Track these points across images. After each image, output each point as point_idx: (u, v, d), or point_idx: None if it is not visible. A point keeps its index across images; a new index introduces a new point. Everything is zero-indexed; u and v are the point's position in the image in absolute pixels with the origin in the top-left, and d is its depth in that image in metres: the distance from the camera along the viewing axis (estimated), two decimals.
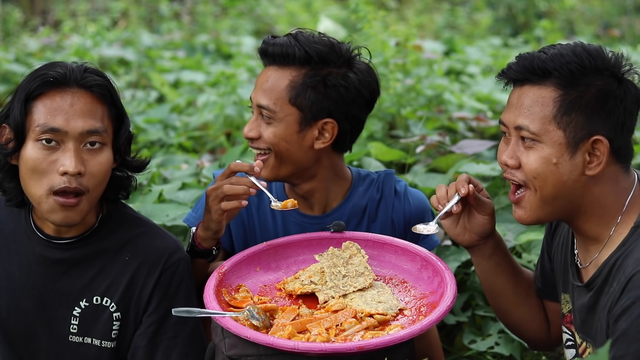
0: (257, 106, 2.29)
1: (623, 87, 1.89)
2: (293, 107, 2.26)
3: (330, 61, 2.27)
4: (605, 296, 1.89)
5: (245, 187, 2.12)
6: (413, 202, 2.45)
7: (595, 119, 1.86)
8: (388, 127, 4.88)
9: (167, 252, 2.16)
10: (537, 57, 1.91)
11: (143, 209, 3.26)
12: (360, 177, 2.47)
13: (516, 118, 1.92)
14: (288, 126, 2.27)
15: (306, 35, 2.29)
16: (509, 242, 3.18)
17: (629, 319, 1.76)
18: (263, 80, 2.29)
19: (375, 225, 2.41)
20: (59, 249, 2.12)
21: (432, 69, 5.43)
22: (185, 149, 5.00)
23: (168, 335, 2.16)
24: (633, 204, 1.92)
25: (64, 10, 11.97)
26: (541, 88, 1.90)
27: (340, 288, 2.10)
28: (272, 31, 11.03)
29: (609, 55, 1.91)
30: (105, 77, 2.09)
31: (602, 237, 1.94)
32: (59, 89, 2.01)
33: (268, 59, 2.31)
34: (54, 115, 1.98)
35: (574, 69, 1.87)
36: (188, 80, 6.92)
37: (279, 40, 2.28)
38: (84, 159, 2.00)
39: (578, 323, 2.01)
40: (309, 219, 2.41)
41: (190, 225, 2.45)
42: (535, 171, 1.90)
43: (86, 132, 2.00)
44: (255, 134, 2.29)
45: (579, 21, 11.87)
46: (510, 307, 2.22)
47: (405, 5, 13.01)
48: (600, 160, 1.87)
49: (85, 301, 2.14)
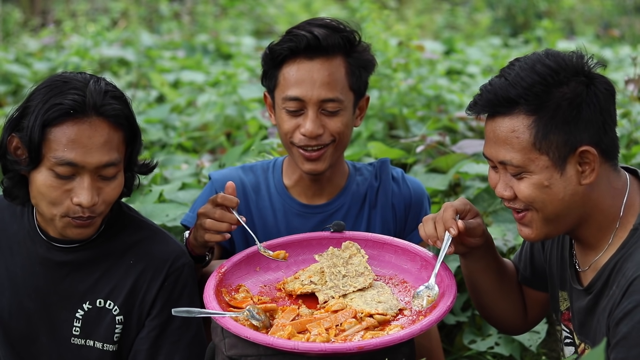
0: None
1: (593, 89, 1.84)
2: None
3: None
4: (605, 299, 1.88)
5: (227, 225, 2.13)
6: (412, 187, 2.51)
7: (575, 132, 1.82)
8: (388, 127, 4.89)
9: (172, 257, 2.16)
10: (499, 87, 1.86)
11: (143, 209, 3.26)
12: (356, 168, 2.52)
13: (497, 154, 1.89)
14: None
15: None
16: (509, 242, 3.18)
17: (630, 323, 1.75)
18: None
19: (376, 212, 2.45)
20: (62, 251, 2.12)
21: (434, 68, 5.43)
22: (185, 149, 5.00)
23: (170, 339, 2.15)
24: (629, 206, 1.91)
25: (64, 10, 11.96)
26: (512, 118, 1.85)
27: (340, 288, 2.10)
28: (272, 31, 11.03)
29: (571, 60, 1.85)
30: (124, 100, 2.05)
31: (602, 243, 1.93)
32: (77, 119, 1.96)
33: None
34: (72, 149, 1.95)
35: (538, 92, 1.82)
36: (188, 80, 6.92)
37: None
38: (98, 186, 2.00)
39: (577, 325, 2.01)
40: (310, 208, 2.43)
41: (188, 226, 2.46)
42: (531, 197, 1.88)
43: (102, 166, 1.99)
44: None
45: (579, 21, 11.87)
46: (493, 302, 2.21)
47: (406, 5, 13.00)
48: (593, 167, 1.85)
49: (88, 304, 2.13)
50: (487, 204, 3.44)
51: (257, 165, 2.55)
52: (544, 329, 2.98)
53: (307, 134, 2.28)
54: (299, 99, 2.28)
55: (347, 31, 2.32)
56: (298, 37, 2.27)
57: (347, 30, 2.33)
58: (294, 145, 2.33)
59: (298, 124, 2.30)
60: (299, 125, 2.30)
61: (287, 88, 2.29)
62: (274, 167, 2.51)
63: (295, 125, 2.31)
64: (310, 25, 2.30)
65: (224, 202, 2.14)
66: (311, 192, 2.44)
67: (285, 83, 2.30)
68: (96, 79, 2.04)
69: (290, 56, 2.29)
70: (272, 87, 2.36)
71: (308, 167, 2.34)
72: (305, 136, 2.29)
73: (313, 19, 2.37)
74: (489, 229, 3.25)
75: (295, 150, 2.34)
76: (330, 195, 2.45)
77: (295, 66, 2.28)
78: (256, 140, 3.72)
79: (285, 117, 2.32)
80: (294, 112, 2.30)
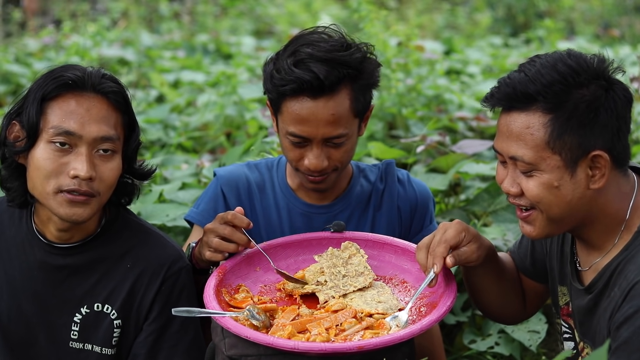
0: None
1: (612, 94, 1.83)
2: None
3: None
4: (606, 300, 1.88)
5: (235, 246, 2.11)
6: (418, 190, 2.49)
7: (590, 135, 1.81)
8: (388, 127, 4.89)
9: (169, 261, 2.16)
10: (519, 81, 1.84)
11: (143, 209, 3.26)
12: (360, 169, 2.50)
13: (509, 148, 1.87)
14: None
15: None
16: (509, 242, 3.18)
17: (631, 328, 1.75)
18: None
19: (381, 214, 2.44)
20: (60, 254, 2.11)
21: (433, 68, 5.43)
22: (185, 149, 5.00)
23: (168, 344, 2.15)
24: (636, 208, 1.90)
25: (64, 10, 11.97)
26: (528, 114, 1.83)
27: (341, 288, 2.10)
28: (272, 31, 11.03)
29: (593, 62, 1.84)
30: (121, 85, 2.08)
31: (606, 245, 1.92)
32: (76, 93, 2.00)
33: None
34: (70, 119, 1.97)
35: (558, 90, 1.80)
36: (188, 80, 6.91)
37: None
38: (95, 164, 2.00)
39: (577, 324, 2.01)
40: (315, 208, 2.42)
41: (191, 222, 2.45)
42: (538, 197, 1.86)
43: (100, 138, 1.99)
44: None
45: (579, 21, 11.86)
46: (491, 300, 2.21)
47: (406, 5, 12.99)
48: (603, 172, 1.83)
49: (86, 308, 2.13)
50: (487, 204, 3.44)
51: (262, 163, 2.53)
52: (544, 329, 2.98)
53: (311, 167, 2.25)
54: (302, 137, 2.23)
55: (351, 59, 2.21)
56: (300, 80, 2.17)
57: (352, 57, 2.22)
58: (298, 170, 2.32)
59: (302, 154, 2.26)
60: (303, 155, 2.26)
61: (291, 124, 2.22)
62: (278, 165, 2.51)
63: (299, 155, 2.26)
64: (312, 60, 2.18)
65: (234, 221, 2.10)
66: (314, 193, 2.44)
67: (288, 117, 2.23)
68: (97, 68, 2.09)
69: (293, 94, 2.21)
70: (275, 109, 2.30)
71: (312, 186, 2.34)
72: (309, 169, 2.27)
73: (315, 42, 2.23)
74: (488, 229, 3.25)
75: (299, 173, 2.32)
76: (334, 196, 2.44)
77: (298, 104, 2.20)
78: (256, 141, 3.72)
79: (289, 146, 2.27)
80: (298, 144, 2.25)
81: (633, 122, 4.09)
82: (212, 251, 2.12)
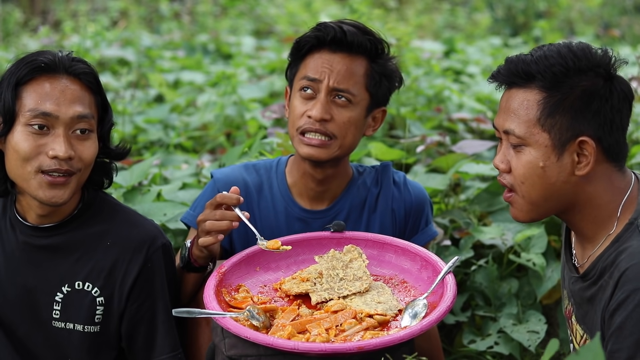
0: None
1: (609, 86, 1.88)
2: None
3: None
4: (600, 290, 1.91)
5: (228, 223, 2.13)
6: (413, 192, 2.50)
7: (580, 120, 1.87)
8: (388, 127, 4.88)
9: (150, 239, 2.20)
10: (523, 60, 1.92)
11: (140, 208, 3.25)
12: (359, 172, 2.52)
13: (504, 122, 1.94)
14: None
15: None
16: (508, 242, 3.19)
17: (624, 313, 1.78)
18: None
19: (375, 217, 2.44)
20: (41, 236, 2.16)
21: (429, 65, 5.42)
22: (185, 149, 5.00)
23: (160, 319, 2.19)
24: (629, 203, 1.93)
25: (64, 10, 11.97)
26: (526, 91, 1.91)
27: (335, 291, 2.10)
28: (272, 31, 11.03)
29: (597, 53, 1.90)
30: (91, 67, 2.14)
31: (599, 237, 1.95)
32: (49, 75, 2.06)
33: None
34: (45, 100, 2.03)
35: (557, 71, 1.87)
36: (188, 80, 6.91)
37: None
38: (73, 144, 2.05)
39: (579, 315, 2.03)
40: (312, 213, 2.43)
41: (187, 224, 2.46)
42: (524, 175, 1.91)
43: (76, 117, 2.05)
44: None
45: (579, 21, 11.86)
46: None
47: (406, 5, 13.00)
48: (589, 160, 1.88)
49: (67, 286, 2.17)
50: (487, 204, 3.44)
51: (261, 164, 2.54)
52: (543, 329, 2.98)
53: (314, 114, 2.30)
54: (314, 79, 2.31)
55: (375, 38, 2.37)
56: (327, 29, 2.33)
57: (375, 37, 2.37)
58: (299, 133, 2.33)
59: (308, 110, 2.32)
60: (308, 110, 2.33)
61: (306, 71, 2.34)
62: (278, 165, 2.51)
63: (305, 109, 2.33)
64: (341, 22, 2.36)
65: (224, 201, 2.14)
66: (313, 193, 2.44)
67: (305, 68, 2.35)
68: (67, 52, 2.15)
69: (316, 47, 2.34)
70: (293, 77, 2.40)
71: (306, 151, 2.33)
72: (310, 118, 2.30)
73: (346, 20, 2.41)
74: (488, 229, 3.25)
75: (299, 139, 2.34)
76: (332, 198, 2.45)
77: (318, 55, 2.34)
78: (254, 141, 3.71)
79: (298, 102, 2.34)
80: (306, 93, 2.32)
81: (633, 122, 4.09)
82: (205, 235, 2.13)
